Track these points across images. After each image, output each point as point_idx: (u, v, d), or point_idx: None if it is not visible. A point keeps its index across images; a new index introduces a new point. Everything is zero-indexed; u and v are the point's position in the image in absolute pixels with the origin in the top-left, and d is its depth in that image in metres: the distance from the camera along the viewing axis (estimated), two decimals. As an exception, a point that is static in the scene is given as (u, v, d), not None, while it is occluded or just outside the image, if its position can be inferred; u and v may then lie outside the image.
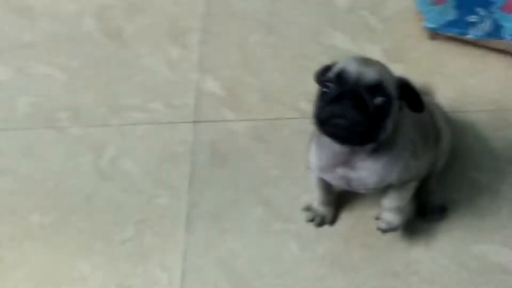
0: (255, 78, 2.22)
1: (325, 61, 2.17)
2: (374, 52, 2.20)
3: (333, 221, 1.92)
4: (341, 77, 1.45)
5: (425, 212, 1.89)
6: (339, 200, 1.93)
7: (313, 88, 2.12)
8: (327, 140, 1.54)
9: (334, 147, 1.56)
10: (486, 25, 2.07)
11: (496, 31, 2.06)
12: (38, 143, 2.16)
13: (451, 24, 2.11)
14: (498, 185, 1.92)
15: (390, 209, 1.77)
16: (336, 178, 1.64)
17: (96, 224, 1.99)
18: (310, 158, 1.67)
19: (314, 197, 1.88)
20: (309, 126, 2.03)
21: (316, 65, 2.18)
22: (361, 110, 1.41)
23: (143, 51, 2.34)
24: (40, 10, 2.48)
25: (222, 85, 2.22)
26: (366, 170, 1.58)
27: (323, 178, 1.73)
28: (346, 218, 1.93)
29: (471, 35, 2.09)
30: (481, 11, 2.08)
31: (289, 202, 1.97)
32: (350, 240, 1.89)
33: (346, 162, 1.59)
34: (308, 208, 1.93)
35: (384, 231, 1.80)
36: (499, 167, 1.95)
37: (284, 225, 1.93)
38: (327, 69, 1.54)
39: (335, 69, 1.49)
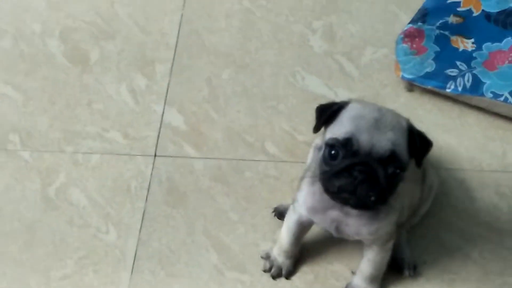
0: (222, 116, 2.12)
1: (295, 104, 2.12)
2: (349, 100, 2.10)
3: (290, 274, 1.81)
4: (350, 145, 1.37)
5: (397, 265, 1.79)
6: (299, 253, 1.82)
7: (281, 132, 2.07)
8: None
9: None
10: (466, 80, 1.99)
11: (477, 87, 1.98)
12: (-15, 164, 2.06)
13: (429, 76, 2.04)
14: (469, 249, 1.83)
15: (367, 278, 1.71)
16: (327, 221, 1.57)
17: (35, 256, 1.88)
18: (300, 197, 1.60)
19: (278, 245, 1.78)
20: (275, 170, 1.98)
21: (287, 108, 2.12)
22: (372, 184, 1.36)
23: (107, 79, 2.24)
24: (3, 27, 2.37)
25: (187, 120, 2.12)
26: (362, 218, 1.52)
27: (299, 224, 1.68)
28: (305, 273, 1.82)
29: (449, 89, 2.00)
30: (462, 65, 2.01)
31: (246, 250, 1.86)
32: (307, 296, 1.77)
33: (342, 207, 1.51)
34: (267, 256, 1.82)
35: None
36: (471, 231, 1.86)
37: (238, 274, 1.82)
38: (333, 110, 1.44)
39: (343, 131, 1.39)
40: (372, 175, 1.36)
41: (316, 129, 1.46)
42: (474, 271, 1.79)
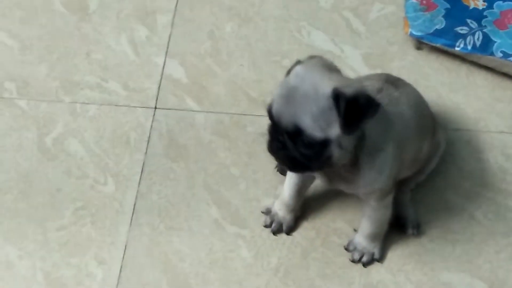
0: (224, 69, 2.08)
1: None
2: (355, 57, 2.08)
3: (290, 230, 1.79)
4: (269, 113, 1.38)
5: (400, 223, 1.77)
6: (301, 209, 1.79)
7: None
8: None
9: None
10: (476, 39, 1.94)
11: (486, 46, 1.94)
12: (-20, 112, 2.02)
13: (438, 33, 1.99)
14: (473, 210, 1.80)
15: (368, 236, 1.70)
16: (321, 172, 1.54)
17: (31, 206, 1.85)
18: None
19: (280, 198, 1.76)
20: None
21: (291, 63, 2.04)
22: (286, 153, 1.39)
23: (107, 28, 2.18)
24: (0, -27, 2.30)
25: (188, 73, 2.07)
26: (350, 174, 1.49)
27: (300, 176, 1.66)
28: (306, 229, 1.80)
29: (459, 48, 1.96)
30: (472, 23, 1.96)
31: (247, 205, 1.83)
32: (307, 253, 1.75)
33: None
34: (268, 211, 1.80)
35: (366, 263, 1.73)
36: (476, 191, 1.83)
37: (238, 229, 1.80)
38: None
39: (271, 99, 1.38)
40: (285, 145, 1.37)
41: None
42: (478, 231, 1.77)
